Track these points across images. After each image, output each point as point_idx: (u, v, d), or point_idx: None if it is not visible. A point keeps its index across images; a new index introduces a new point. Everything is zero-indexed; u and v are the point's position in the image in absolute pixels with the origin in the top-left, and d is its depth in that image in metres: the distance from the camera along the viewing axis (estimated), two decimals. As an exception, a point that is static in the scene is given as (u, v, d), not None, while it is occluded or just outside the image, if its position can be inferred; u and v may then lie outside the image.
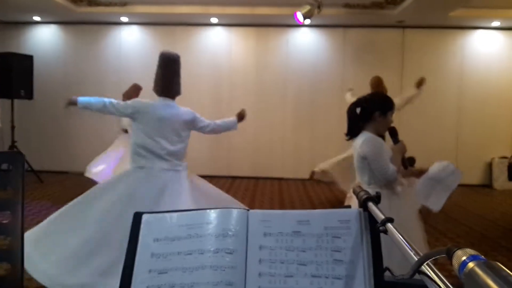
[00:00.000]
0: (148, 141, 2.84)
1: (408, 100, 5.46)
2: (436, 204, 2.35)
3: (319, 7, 5.79)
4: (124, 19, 7.69)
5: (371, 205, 0.73)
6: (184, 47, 7.96)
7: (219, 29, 7.92)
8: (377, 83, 5.55)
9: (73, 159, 8.04)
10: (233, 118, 3.36)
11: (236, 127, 3.40)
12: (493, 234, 4.62)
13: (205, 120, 3.16)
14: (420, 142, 6.86)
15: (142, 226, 0.89)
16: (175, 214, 0.89)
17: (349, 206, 0.84)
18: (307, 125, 7.89)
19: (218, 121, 3.27)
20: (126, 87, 7.75)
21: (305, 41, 7.89)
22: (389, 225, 0.62)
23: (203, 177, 6.36)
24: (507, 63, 7.63)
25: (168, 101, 2.96)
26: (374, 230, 0.77)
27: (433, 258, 0.51)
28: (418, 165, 2.49)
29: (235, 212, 0.86)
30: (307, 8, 5.83)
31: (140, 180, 2.79)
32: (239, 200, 6.12)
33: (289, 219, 0.84)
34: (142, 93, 5.35)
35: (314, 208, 5.67)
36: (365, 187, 2.40)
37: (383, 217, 0.66)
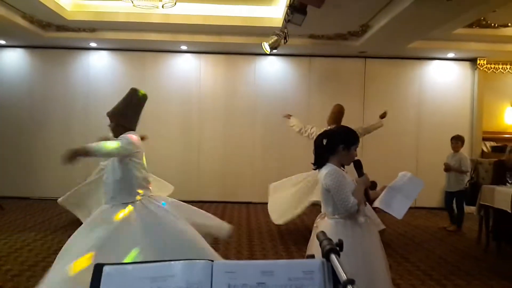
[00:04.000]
0: (145, 173, 3.03)
1: (367, 129, 5.67)
2: (398, 211, 2.43)
3: (285, 38, 5.94)
4: (93, 44, 7.60)
5: (333, 259, 0.75)
6: (153, 73, 7.96)
7: (188, 56, 7.97)
8: (339, 112, 5.71)
9: (35, 184, 7.76)
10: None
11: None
12: (453, 258, 4.76)
13: None
14: (381, 167, 7.04)
15: (102, 279, 0.86)
16: (137, 266, 0.88)
17: (312, 256, 0.85)
18: (275, 150, 7.98)
19: None
20: (94, 111, 7.66)
21: (273, 69, 8.06)
22: (350, 287, 0.63)
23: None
24: (461, 92, 8.06)
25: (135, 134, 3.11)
26: (336, 280, 0.79)
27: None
28: (379, 189, 2.56)
29: (199, 264, 0.86)
30: (273, 38, 5.96)
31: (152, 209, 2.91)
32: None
33: (254, 270, 0.85)
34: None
35: (281, 233, 5.68)
36: (329, 217, 2.45)
37: (344, 276, 0.67)
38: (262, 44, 6.19)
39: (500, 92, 8.11)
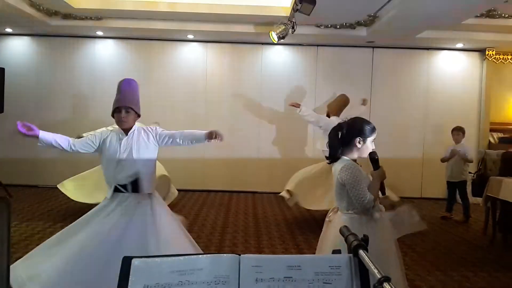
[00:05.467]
0: None
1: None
2: (395, 235, 2.47)
3: (293, 27, 5.90)
4: (99, 33, 7.58)
5: (363, 255, 0.76)
6: (160, 62, 7.94)
7: (195, 45, 7.94)
8: (344, 102, 5.69)
9: (43, 172, 7.82)
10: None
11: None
12: (459, 249, 4.78)
13: None
14: (388, 158, 7.05)
15: (131, 271, 0.88)
16: (165, 259, 0.89)
17: (339, 251, 0.86)
18: (281, 139, 7.98)
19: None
20: (100, 100, 7.67)
21: (279, 59, 8.01)
22: (386, 284, 0.64)
23: (178, 191, 6.34)
24: (469, 83, 8.00)
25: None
26: (364, 276, 0.80)
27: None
28: (386, 181, 2.51)
29: (226, 258, 0.87)
30: (281, 27, 5.93)
31: None
32: (214, 213, 6.13)
33: (280, 264, 0.86)
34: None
35: (288, 223, 5.72)
36: (343, 212, 2.43)
37: (379, 273, 0.68)
38: (270, 33, 6.16)
39: (508, 83, 8.04)
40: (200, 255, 0.88)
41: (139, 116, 2.97)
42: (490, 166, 5.32)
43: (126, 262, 0.88)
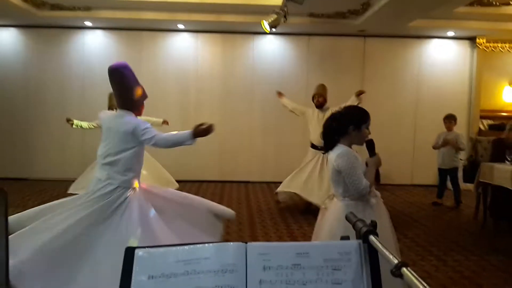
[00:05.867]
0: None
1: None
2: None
3: (285, 16, 5.85)
4: (88, 23, 7.44)
5: (375, 241, 0.75)
6: (150, 52, 7.84)
7: (185, 35, 7.84)
8: (321, 90, 5.72)
9: (33, 165, 7.73)
10: (187, 131, 2.81)
11: (192, 142, 2.82)
12: (451, 234, 4.84)
13: (151, 133, 2.76)
14: (379, 145, 7.06)
15: (135, 262, 0.86)
16: (169, 249, 0.87)
17: (347, 238, 0.85)
18: (273, 129, 7.96)
19: (167, 135, 2.85)
20: (90, 91, 7.57)
21: (271, 48, 7.96)
22: (405, 269, 0.63)
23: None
24: (460, 70, 8.04)
25: (122, 112, 2.91)
26: (374, 262, 0.79)
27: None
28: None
29: (233, 246, 0.86)
30: (273, 17, 5.86)
31: None
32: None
33: (288, 251, 0.85)
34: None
35: (281, 211, 5.73)
36: (339, 199, 2.44)
37: (395, 259, 0.67)
38: (262, 23, 6.09)
39: (498, 70, 8.09)
40: (206, 244, 0.86)
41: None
42: (481, 152, 5.38)
43: (129, 253, 0.87)
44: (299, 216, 5.49)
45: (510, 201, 4.35)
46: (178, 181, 7.51)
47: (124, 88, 2.88)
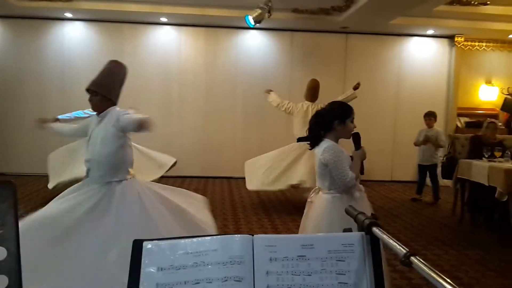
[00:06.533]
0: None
1: (343, 100, 5.72)
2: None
3: (269, 11, 5.88)
4: (68, 14, 7.28)
5: (379, 233, 0.78)
6: (132, 45, 7.73)
7: (168, 28, 7.77)
8: (313, 87, 5.77)
9: (10, 160, 7.55)
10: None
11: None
12: (430, 229, 4.98)
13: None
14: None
15: (143, 254, 0.87)
16: (177, 241, 0.89)
17: (350, 230, 0.88)
18: (256, 124, 7.99)
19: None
20: (69, 85, 7.42)
21: (254, 43, 7.97)
22: (413, 258, 0.66)
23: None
24: (438, 68, 8.24)
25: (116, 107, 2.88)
26: (376, 253, 0.82)
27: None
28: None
29: (239, 238, 0.88)
30: (257, 12, 5.89)
31: None
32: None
33: (293, 243, 0.87)
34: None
35: (265, 207, 5.78)
36: (325, 192, 2.50)
37: (402, 249, 0.70)
38: (246, 18, 6.10)
39: (475, 69, 8.33)
40: (214, 236, 0.88)
41: (110, 100, 2.79)
42: (459, 149, 5.54)
43: (137, 245, 0.88)
44: (282, 211, 5.54)
45: (486, 196, 4.50)
46: (160, 176, 7.47)
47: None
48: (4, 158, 7.56)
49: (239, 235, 0.88)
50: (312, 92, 5.75)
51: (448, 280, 0.60)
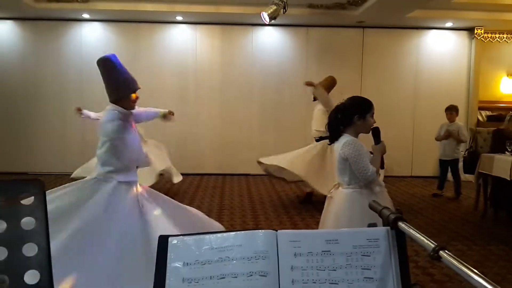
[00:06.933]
0: None
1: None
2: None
3: (284, 7, 5.84)
4: (85, 15, 7.40)
5: (408, 228, 0.77)
6: (148, 44, 7.81)
7: (184, 27, 7.82)
8: (331, 83, 5.71)
9: (31, 159, 7.72)
10: (156, 110, 3.22)
11: (155, 116, 3.20)
12: (452, 225, 4.90)
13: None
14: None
15: (169, 249, 0.88)
16: (202, 237, 0.89)
17: (375, 225, 0.87)
18: (272, 121, 7.98)
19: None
20: (87, 84, 7.53)
21: (270, 40, 7.95)
22: (442, 252, 0.66)
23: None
24: (458, 61, 8.08)
25: (108, 106, 2.76)
26: (401, 247, 0.81)
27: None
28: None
29: (263, 234, 0.88)
30: (273, 8, 5.85)
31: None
32: (210, 196, 6.17)
33: (318, 239, 0.87)
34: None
35: (283, 203, 5.77)
36: (344, 187, 2.48)
37: (430, 243, 0.69)
38: (261, 14, 6.08)
39: (496, 61, 8.13)
40: (238, 232, 0.89)
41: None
42: (481, 143, 5.43)
43: (163, 241, 0.89)
44: (301, 207, 5.53)
45: (510, 191, 4.40)
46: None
47: (108, 80, 2.78)
48: (26, 158, 7.74)
49: (262, 231, 0.88)
50: (329, 88, 5.69)
51: (479, 273, 0.59)
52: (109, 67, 2.73)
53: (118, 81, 2.72)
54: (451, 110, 6.18)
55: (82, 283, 2.25)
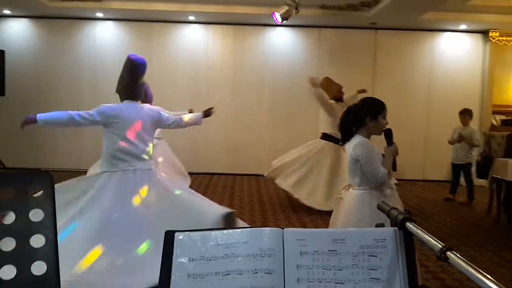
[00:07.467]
0: (124, 144, 2.98)
1: (351, 98, 5.61)
2: None
3: (296, 8, 5.84)
4: (99, 14, 7.48)
5: (416, 228, 0.76)
6: (160, 44, 7.86)
7: (196, 26, 7.85)
8: (327, 84, 5.67)
9: (44, 156, 7.81)
10: (199, 113, 3.61)
11: (201, 123, 3.61)
12: (464, 229, 4.83)
13: (170, 117, 3.26)
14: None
15: (175, 245, 0.88)
16: (208, 233, 0.89)
17: (382, 225, 0.86)
18: (283, 122, 7.97)
19: (183, 116, 3.41)
20: (101, 84, 7.63)
21: (282, 41, 7.94)
22: (450, 253, 0.65)
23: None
24: (472, 65, 7.97)
25: (133, 103, 3.07)
26: (409, 248, 0.80)
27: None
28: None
29: (269, 231, 0.88)
30: (285, 8, 5.86)
31: (118, 182, 2.92)
32: (220, 195, 6.18)
33: (324, 238, 0.87)
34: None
35: (294, 205, 5.75)
36: (355, 188, 2.47)
37: (438, 244, 0.68)
38: (273, 15, 6.08)
39: (511, 65, 8.00)
40: (244, 229, 0.88)
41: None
42: (495, 147, 5.35)
43: (169, 236, 0.89)
44: (312, 209, 5.49)
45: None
46: (188, 173, 7.57)
47: (141, 81, 3.23)
48: (40, 154, 7.83)
49: (269, 228, 0.88)
50: (328, 90, 5.68)
51: (486, 275, 0.58)
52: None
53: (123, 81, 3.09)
54: (465, 114, 6.09)
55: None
